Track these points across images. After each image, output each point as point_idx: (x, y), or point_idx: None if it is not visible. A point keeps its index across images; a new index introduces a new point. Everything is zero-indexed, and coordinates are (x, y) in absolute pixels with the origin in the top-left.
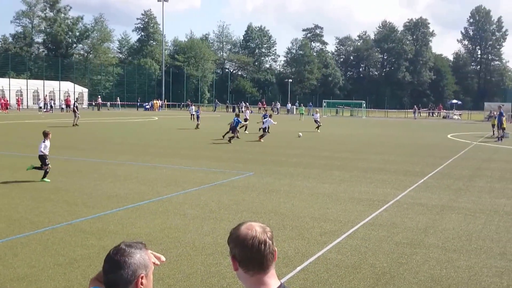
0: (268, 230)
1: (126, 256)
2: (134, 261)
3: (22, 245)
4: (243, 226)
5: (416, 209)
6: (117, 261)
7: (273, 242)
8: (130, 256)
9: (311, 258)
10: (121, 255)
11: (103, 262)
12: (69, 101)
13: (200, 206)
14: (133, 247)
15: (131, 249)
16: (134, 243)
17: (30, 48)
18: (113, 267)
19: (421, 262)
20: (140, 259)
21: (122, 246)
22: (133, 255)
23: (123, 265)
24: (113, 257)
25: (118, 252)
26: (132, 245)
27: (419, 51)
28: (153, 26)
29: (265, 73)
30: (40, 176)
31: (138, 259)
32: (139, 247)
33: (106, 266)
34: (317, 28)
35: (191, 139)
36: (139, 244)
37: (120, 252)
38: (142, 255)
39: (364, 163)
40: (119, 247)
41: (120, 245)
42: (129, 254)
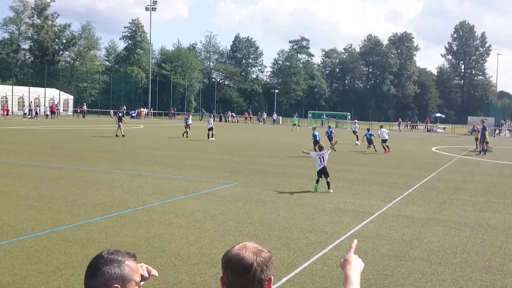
0: (263, 254)
1: (102, 264)
2: (109, 270)
3: (5, 253)
4: (238, 245)
5: (401, 221)
6: (92, 268)
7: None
8: (106, 264)
9: (297, 269)
10: (97, 262)
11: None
12: (54, 108)
13: (185, 215)
14: (115, 255)
15: (111, 256)
16: (119, 252)
17: (17, 55)
18: (89, 273)
19: (406, 274)
20: (117, 269)
21: (103, 253)
22: (110, 263)
23: (96, 273)
24: (91, 263)
25: (96, 258)
26: (114, 253)
27: (404, 64)
28: (140, 35)
29: (251, 84)
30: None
31: (114, 269)
32: (122, 256)
33: (86, 272)
34: (304, 40)
35: (176, 148)
36: (125, 253)
37: (98, 259)
38: (121, 265)
39: (349, 174)
40: (100, 254)
41: (102, 252)
42: (106, 262)
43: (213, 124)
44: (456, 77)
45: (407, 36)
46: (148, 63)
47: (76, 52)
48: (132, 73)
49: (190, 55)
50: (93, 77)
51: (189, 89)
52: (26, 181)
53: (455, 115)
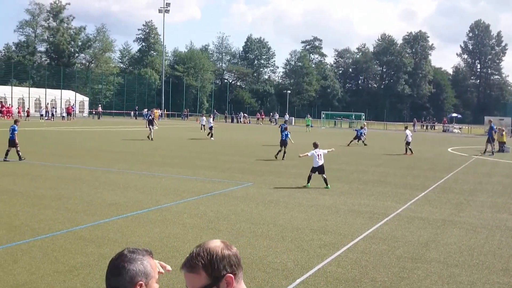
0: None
1: (126, 262)
2: (133, 267)
3: (23, 252)
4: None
5: (417, 223)
6: (116, 266)
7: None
8: (130, 262)
9: (311, 271)
10: (121, 261)
11: (107, 266)
12: (70, 109)
13: (199, 215)
14: (136, 253)
15: (133, 255)
16: (139, 250)
17: (33, 57)
18: (113, 272)
19: (422, 277)
20: (140, 266)
21: (124, 252)
22: (133, 261)
23: (121, 271)
24: (114, 262)
25: (119, 257)
26: (135, 252)
27: (419, 64)
28: (153, 37)
29: (263, 84)
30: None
31: (138, 266)
32: (143, 254)
33: (107, 271)
34: (316, 40)
35: (188, 148)
36: (144, 251)
37: (121, 258)
38: (143, 263)
39: (363, 175)
40: (122, 253)
41: (123, 250)
42: (130, 260)
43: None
44: (472, 77)
45: (422, 35)
46: (161, 65)
47: (91, 54)
48: (145, 75)
49: (203, 57)
50: (108, 79)
51: (202, 90)
52: (43, 181)
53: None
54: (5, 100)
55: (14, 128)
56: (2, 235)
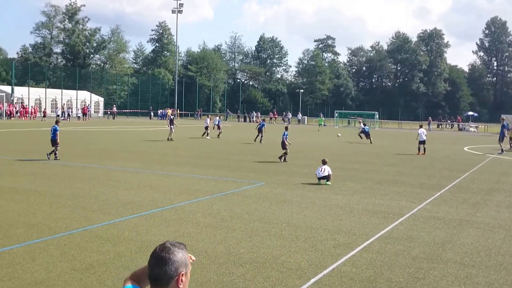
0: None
1: (171, 254)
2: (177, 259)
3: (40, 250)
4: None
5: (433, 222)
6: (162, 257)
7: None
8: (174, 254)
9: (325, 271)
10: (166, 252)
11: (150, 258)
12: (86, 110)
13: (212, 215)
14: (176, 246)
15: (174, 248)
16: (177, 243)
17: (49, 58)
18: (159, 262)
19: (438, 277)
20: (182, 258)
21: (167, 245)
22: (176, 253)
23: (167, 262)
24: (159, 254)
25: (163, 249)
26: (176, 245)
27: (434, 62)
28: (167, 37)
29: (276, 84)
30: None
31: (180, 258)
32: (181, 247)
33: (153, 262)
34: (329, 39)
35: (201, 148)
36: (181, 244)
37: (165, 250)
38: (183, 254)
39: (377, 175)
40: (165, 245)
41: (165, 243)
42: (173, 252)
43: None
44: (488, 74)
45: (437, 33)
46: (175, 65)
47: (106, 55)
48: (159, 75)
49: (215, 56)
50: (122, 79)
51: (214, 89)
52: (59, 180)
53: (488, 113)
54: (22, 101)
55: (56, 128)
56: (20, 233)
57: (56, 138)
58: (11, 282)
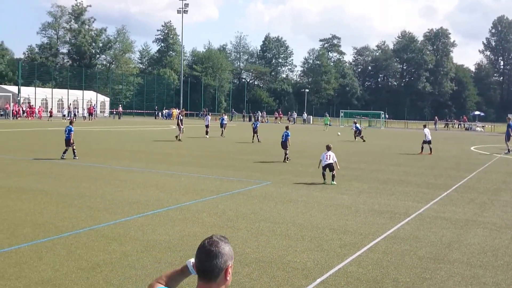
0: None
1: (220, 247)
2: (225, 252)
3: (47, 249)
4: None
5: (439, 223)
6: (212, 251)
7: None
8: (223, 247)
9: (331, 271)
10: (215, 246)
11: (198, 252)
12: (92, 110)
13: (218, 214)
14: (223, 240)
15: (222, 241)
16: (223, 237)
17: (56, 58)
18: (210, 256)
19: (445, 277)
20: (229, 251)
21: (215, 239)
22: (224, 246)
23: (217, 255)
24: (209, 248)
25: (212, 243)
26: (222, 239)
27: (440, 61)
28: (172, 37)
29: (281, 83)
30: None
31: (228, 251)
32: (226, 241)
33: (203, 256)
34: (335, 38)
35: (207, 148)
36: (226, 238)
37: (214, 244)
38: (229, 248)
39: (383, 175)
40: (214, 240)
41: (212, 237)
42: (221, 245)
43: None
44: (495, 74)
45: (443, 32)
46: (180, 65)
47: (112, 55)
48: (164, 75)
49: (221, 56)
50: (128, 79)
51: (220, 89)
52: (66, 180)
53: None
54: (29, 101)
55: (70, 129)
56: (27, 232)
57: (70, 138)
58: (18, 281)
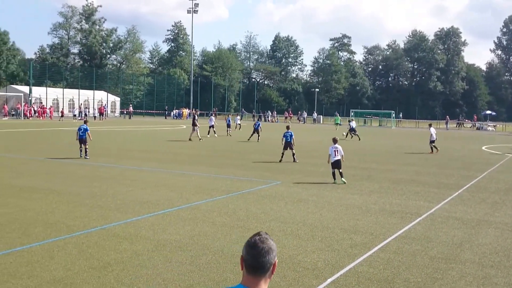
0: None
1: (269, 244)
2: (274, 247)
3: (59, 248)
4: None
5: (451, 222)
6: (263, 247)
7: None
8: (271, 243)
9: (342, 271)
10: (266, 243)
11: (250, 249)
12: (102, 110)
13: (228, 214)
14: (270, 237)
15: (269, 238)
16: (268, 235)
17: (66, 59)
18: (262, 252)
19: (457, 277)
20: (276, 247)
21: (264, 236)
22: (272, 243)
23: (268, 251)
24: (261, 245)
25: (265, 241)
26: (268, 236)
27: (451, 60)
28: (182, 37)
29: (291, 83)
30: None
31: (275, 247)
32: (271, 237)
33: (255, 252)
34: (345, 38)
35: (216, 147)
36: (269, 235)
37: (266, 241)
38: (275, 244)
39: (394, 174)
40: (263, 236)
41: (261, 234)
42: (270, 242)
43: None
44: (506, 73)
45: (454, 31)
46: (190, 65)
47: (122, 55)
48: (174, 75)
49: (231, 56)
50: (138, 79)
51: (230, 89)
52: (77, 180)
53: (506, 112)
54: (40, 101)
55: (86, 128)
56: (38, 232)
57: (85, 138)
58: (30, 280)
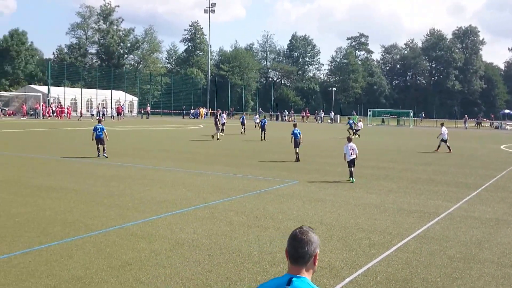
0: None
1: (310, 236)
2: (315, 240)
3: (77, 247)
4: None
5: (469, 222)
6: (304, 239)
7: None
8: (312, 236)
9: (360, 270)
10: (306, 235)
11: (291, 240)
12: (120, 109)
13: (246, 213)
14: (311, 230)
15: (311, 231)
16: (311, 228)
17: (84, 59)
18: (302, 244)
19: (475, 277)
20: (317, 240)
21: (305, 229)
22: (313, 235)
23: (308, 243)
24: (301, 236)
25: (304, 233)
26: (310, 229)
27: (469, 59)
28: (199, 37)
29: (308, 82)
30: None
31: (316, 239)
32: (314, 231)
33: (296, 243)
34: (362, 37)
35: (233, 147)
36: (313, 229)
37: (305, 233)
38: (317, 237)
39: (412, 174)
40: (304, 230)
41: (303, 228)
42: (311, 235)
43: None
44: None
45: (472, 30)
46: (207, 64)
47: (140, 55)
48: (191, 74)
49: (247, 55)
50: (155, 79)
51: (247, 88)
52: (95, 179)
53: None
54: (59, 101)
55: (103, 128)
56: (57, 231)
57: (103, 137)
58: (49, 279)
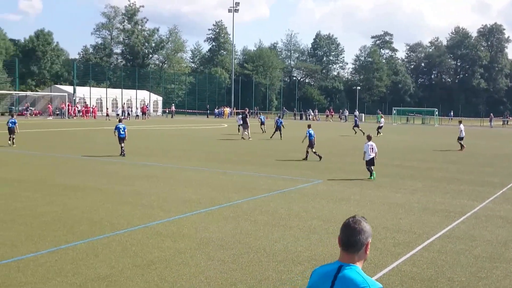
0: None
1: (362, 226)
2: (367, 229)
3: (103, 246)
4: None
5: (495, 221)
6: (356, 228)
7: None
8: (364, 225)
9: (385, 270)
10: (359, 224)
11: (344, 228)
12: (145, 109)
13: (270, 212)
14: (364, 220)
15: (363, 221)
16: (363, 218)
17: (109, 59)
18: (354, 232)
19: (501, 277)
20: (370, 229)
21: (358, 218)
22: (365, 225)
23: (360, 231)
24: (354, 225)
25: (356, 222)
26: (363, 219)
27: (495, 57)
28: (223, 36)
29: (332, 81)
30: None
31: (368, 229)
32: (366, 221)
33: (348, 232)
34: (387, 35)
35: (257, 146)
36: (365, 219)
37: (357, 222)
38: (369, 227)
39: (437, 172)
40: (357, 219)
41: (356, 217)
42: (363, 224)
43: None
44: None
45: (497, 28)
46: (231, 64)
47: (164, 55)
48: (216, 74)
49: (271, 55)
50: (180, 78)
51: (271, 88)
52: (120, 178)
53: None
54: (85, 101)
55: (125, 127)
56: (83, 230)
57: (125, 136)
58: (75, 277)
